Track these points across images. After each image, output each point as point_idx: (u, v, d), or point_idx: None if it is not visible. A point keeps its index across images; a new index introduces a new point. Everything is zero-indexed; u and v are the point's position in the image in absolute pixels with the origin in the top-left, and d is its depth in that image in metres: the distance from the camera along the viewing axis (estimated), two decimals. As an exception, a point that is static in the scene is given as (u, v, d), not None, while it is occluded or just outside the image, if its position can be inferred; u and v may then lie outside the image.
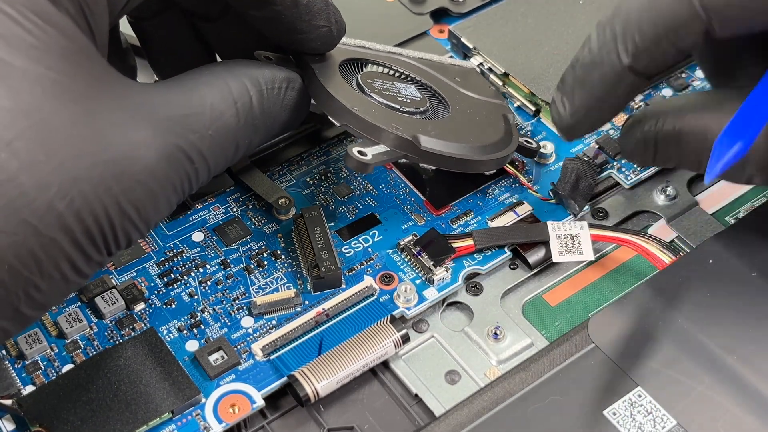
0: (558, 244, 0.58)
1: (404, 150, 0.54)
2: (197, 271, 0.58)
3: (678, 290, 0.54)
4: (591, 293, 0.59)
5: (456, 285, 0.58)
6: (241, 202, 0.62)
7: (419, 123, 0.57)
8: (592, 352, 0.52)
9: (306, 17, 0.52)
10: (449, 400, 0.53)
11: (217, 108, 0.47)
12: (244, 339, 0.55)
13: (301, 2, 0.51)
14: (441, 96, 0.61)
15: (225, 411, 0.51)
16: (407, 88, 0.60)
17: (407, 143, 0.54)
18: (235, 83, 0.49)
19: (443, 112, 0.60)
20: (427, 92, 0.61)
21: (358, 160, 0.52)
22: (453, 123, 0.59)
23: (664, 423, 0.49)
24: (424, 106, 0.59)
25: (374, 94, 0.57)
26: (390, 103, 0.57)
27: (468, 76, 0.65)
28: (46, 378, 0.53)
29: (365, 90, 0.57)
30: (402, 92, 0.59)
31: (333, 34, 0.54)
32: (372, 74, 0.60)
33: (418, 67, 0.63)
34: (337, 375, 0.52)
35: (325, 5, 0.53)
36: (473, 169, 0.57)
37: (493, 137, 0.59)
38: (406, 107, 0.57)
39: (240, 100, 0.49)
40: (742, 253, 0.56)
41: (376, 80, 0.59)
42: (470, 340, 0.56)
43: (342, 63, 0.58)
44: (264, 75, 0.51)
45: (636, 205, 0.63)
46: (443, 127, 0.57)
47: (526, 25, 0.70)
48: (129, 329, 0.55)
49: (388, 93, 0.58)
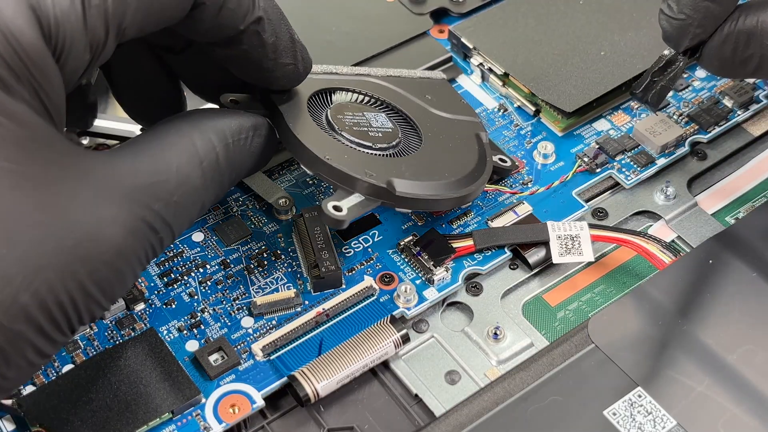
0: (558, 245, 0.58)
1: (379, 197, 0.54)
2: (197, 271, 0.58)
3: (678, 290, 0.54)
4: (591, 293, 0.59)
5: (456, 285, 0.58)
6: (241, 202, 0.62)
7: (392, 164, 0.56)
8: (592, 352, 0.52)
9: (272, 56, 0.51)
10: (449, 400, 0.53)
11: (183, 171, 0.46)
12: (244, 339, 0.55)
13: (268, 41, 0.50)
14: (413, 121, 0.60)
15: (225, 411, 0.51)
16: (378, 117, 0.59)
17: (382, 190, 0.54)
18: (201, 141, 0.48)
19: (416, 141, 0.59)
20: (399, 118, 0.61)
21: (333, 218, 0.52)
22: (426, 156, 0.58)
23: (664, 423, 0.49)
24: (396, 138, 0.58)
25: (345, 133, 0.56)
26: (362, 142, 0.56)
27: (439, 89, 0.64)
28: (46, 378, 0.53)
29: (335, 128, 0.56)
30: (373, 124, 0.58)
31: (300, 71, 0.54)
32: (341, 107, 0.58)
33: (387, 88, 0.62)
34: (337, 375, 0.52)
35: (291, 43, 0.52)
36: (450, 207, 0.57)
37: (468, 166, 0.58)
38: (378, 143, 0.57)
39: (206, 158, 0.48)
40: (742, 253, 0.56)
41: (345, 114, 0.58)
42: (470, 340, 0.56)
43: (310, 97, 0.57)
44: (231, 126, 0.50)
45: (636, 205, 0.63)
46: (417, 164, 0.57)
47: (526, 25, 0.70)
48: (129, 329, 0.55)
49: (359, 128, 0.57)
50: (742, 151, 0.66)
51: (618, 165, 0.64)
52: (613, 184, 0.64)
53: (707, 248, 0.57)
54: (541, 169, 0.64)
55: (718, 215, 0.62)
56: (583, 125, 0.67)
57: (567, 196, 0.63)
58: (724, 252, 0.56)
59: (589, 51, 0.68)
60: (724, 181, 0.64)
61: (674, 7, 0.55)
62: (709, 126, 0.66)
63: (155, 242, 0.45)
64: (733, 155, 0.66)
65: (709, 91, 0.68)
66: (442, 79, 0.66)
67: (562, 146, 0.65)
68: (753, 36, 0.54)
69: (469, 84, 0.70)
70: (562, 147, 0.65)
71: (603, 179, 0.64)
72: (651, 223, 0.62)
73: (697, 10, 0.54)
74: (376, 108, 0.60)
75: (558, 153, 0.65)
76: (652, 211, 0.62)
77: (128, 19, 0.43)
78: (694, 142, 0.65)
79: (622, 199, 0.63)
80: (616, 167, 0.64)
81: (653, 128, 0.65)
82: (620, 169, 0.64)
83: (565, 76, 0.66)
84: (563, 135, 0.66)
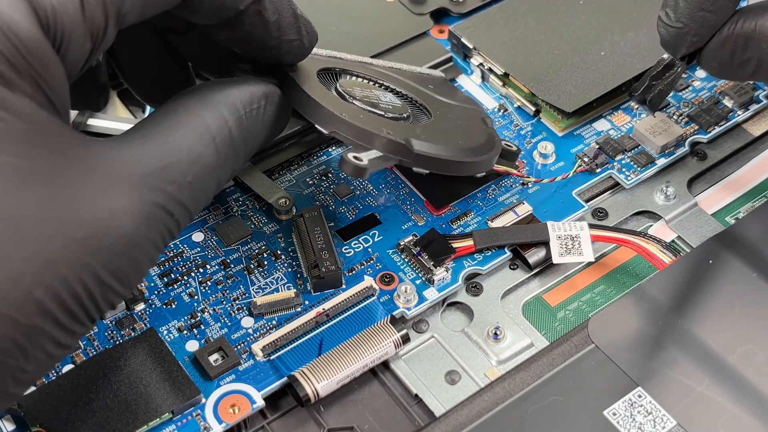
0: (558, 245, 0.58)
1: (398, 154, 0.53)
2: (197, 272, 0.58)
3: (678, 290, 0.54)
4: (591, 293, 0.59)
5: (456, 285, 0.58)
6: (241, 202, 0.62)
7: (407, 127, 0.56)
8: (592, 352, 0.52)
9: (276, 33, 0.50)
10: (449, 400, 0.53)
11: (195, 150, 0.45)
12: (244, 339, 0.55)
13: (270, 20, 0.50)
14: (419, 102, 0.61)
15: (225, 411, 0.51)
16: (386, 95, 0.59)
17: (400, 147, 0.53)
18: (213, 116, 0.47)
19: (425, 118, 0.60)
20: (406, 99, 0.61)
21: (355, 165, 0.51)
22: (438, 127, 0.59)
23: (664, 423, 0.49)
24: (407, 112, 0.58)
25: (356, 101, 0.56)
26: (374, 110, 0.56)
27: (440, 84, 0.65)
28: (46, 378, 0.53)
29: (346, 98, 0.56)
30: (382, 99, 0.58)
31: (305, 45, 0.53)
32: (350, 83, 0.59)
33: (391, 76, 0.62)
34: (337, 375, 0.52)
35: (294, 18, 0.51)
36: (465, 172, 0.57)
37: (479, 140, 0.59)
38: (389, 113, 0.57)
39: (219, 135, 0.47)
40: (742, 253, 0.56)
41: (355, 88, 0.58)
42: (470, 341, 0.56)
43: (318, 73, 0.57)
44: (241, 97, 0.49)
45: (636, 205, 0.63)
46: (431, 131, 0.57)
47: (526, 25, 0.70)
48: (129, 329, 0.55)
49: (369, 100, 0.57)
50: (742, 151, 0.66)
51: (618, 165, 0.64)
52: (613, 184, 0.64)
53: (707, 248, 0.57)
54: (541, 169, 0.64)
55: (718, 215, 0.62)
56: (583, 125, 0.67)
57: (567, 196, 0.63)
58: (724, 252, 0.56)
59: (589, 51, 0.68)
60: (724, 181, 0.64)
61: (672, 15, 0.55)
62: (709, 126, 0.66)
63: (172, 225, 0.44)
64: (733, 155, 0.66)
65: (709, 91, 0.68)
66: (442, 76, 0.66)
67: (562, 146, 0.65)
68: (751, 39, 0.55)
69: (469, 84, 0.70)
70: (562, 147, 0.65)
71: (603, 179, 0.64)
72: (651, 223, 0.62)
73: (694, 19, 0.55)
74: (382, 89, 0.61)
75: (558, 153, 0.65)
76: (652, 211, 0.62)
77: (127, 4, 0.43)
78: (694, 142, 0.66)
79: (622, 199, 0.63)
80: (616, 167, 0.64)
81: (653, 128, 0.65)
82: (620, 169, 0.64)
83: (565, 76, 0.66)
84: (563, 135, 0.66)
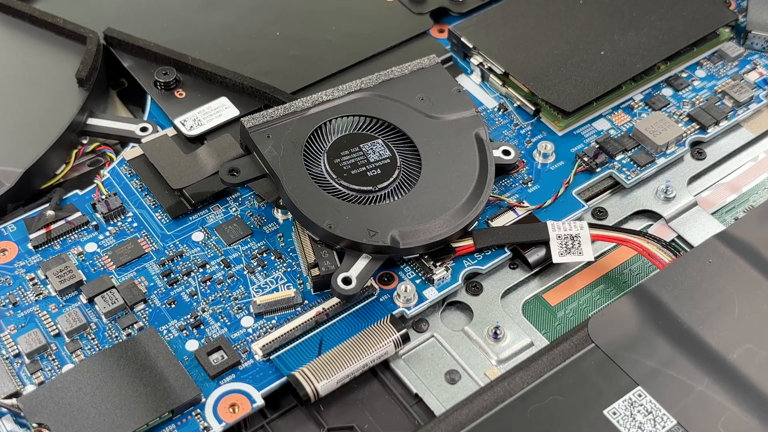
0: (558, 245, 0.58)
1: (386, 253, 0.56)
2: (197, 271, 0.58)
3: (678, 290, 0.54)
4: (591, 293, 0.59)
5: (456, 285, 0.58)
6: (241, 202, 0.62)
7: (394, 210, 0.57)
8: (592, 352, 0.52)
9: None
10: (449, 400, 0.53)
11: None
12: (244, 339, 0.55)
13: None
14: (410, 138, 0.61)
15: (225, 411, 0.51)
16: (375, 146, 0.60)
17: (386, 248, 0.56)
18: None
19: (415, 163, 0.60)
20: (396, 136, 0.61)
21: (345, 294, 0.54)
22: (427, 182, 0.59)
23: (664, 423, 0.49)
24: (395, 170, 0.59)
25: (343, 181, 0.58)
26: (362, 188, 0.57)
27: (433, 80, 0.64)
28: (46, 378, 0.53)
29: (334, 177, 0.58)
30: (371, 159, 0.59)
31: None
32: (337, 146, 0.59)
33: (380, 102, 0.62)
34: (337, 375, 0.52)
35: None
36: (454, 239, 0.58)
37: (469, 183, 0.59)
38: (379, 184, 0.58)
39: None
40: (742, 253, 0.56)
41: (342, 156, 0.59)
42: (470, 340, 0.56)
43: (305, 144, 0.59)
44: None
45: (636, 205, 0.63)
46: (418, 199, 0.58)
47: (526, 25, 0.70)
48: (129, 329, 0.55)
49: (357, 169, 0.58)
50: (742, 150, 0.66)
51: (618, 164, 0.64)
52: (613, 184, 0.64)
53: (707, 248, 0.57)
54: (541, 168, 0.64)
55: (718, 215, 0.62)
56: (583, 125, 0.67)
57: (567, 195, 0.62)
58: (724, 252, 0.56)
59: (589, 51, 0.68)
60: (724, 180, 0.64)
61: None
62: (709, 125, 0.66)
63: None
64: (733, 155, 0.66)
65: (709, 91, 0.68)
66: (436, 63, 0.65)
67: (562, 146, 0.65)
68: None
69: (469, 84, 0.70)
70: (562, 146, 0.65)
71: (603, 179, 0.64)
72: (651, 222, 0.62)
73: None
74: (372, 131, 0.61)
75: (558, 152, 0.65)
76: (652, 211, 0.62)
77: None
78: (694, 141, 0.66)
79: (622, 199, 0.63)
80: (616, 167, 0.64)
81: (653, 128, 0.65)
82: (620, 168, 0.64)
83: (565, 75, 0.66)
84: (563, 134, 0.66)
